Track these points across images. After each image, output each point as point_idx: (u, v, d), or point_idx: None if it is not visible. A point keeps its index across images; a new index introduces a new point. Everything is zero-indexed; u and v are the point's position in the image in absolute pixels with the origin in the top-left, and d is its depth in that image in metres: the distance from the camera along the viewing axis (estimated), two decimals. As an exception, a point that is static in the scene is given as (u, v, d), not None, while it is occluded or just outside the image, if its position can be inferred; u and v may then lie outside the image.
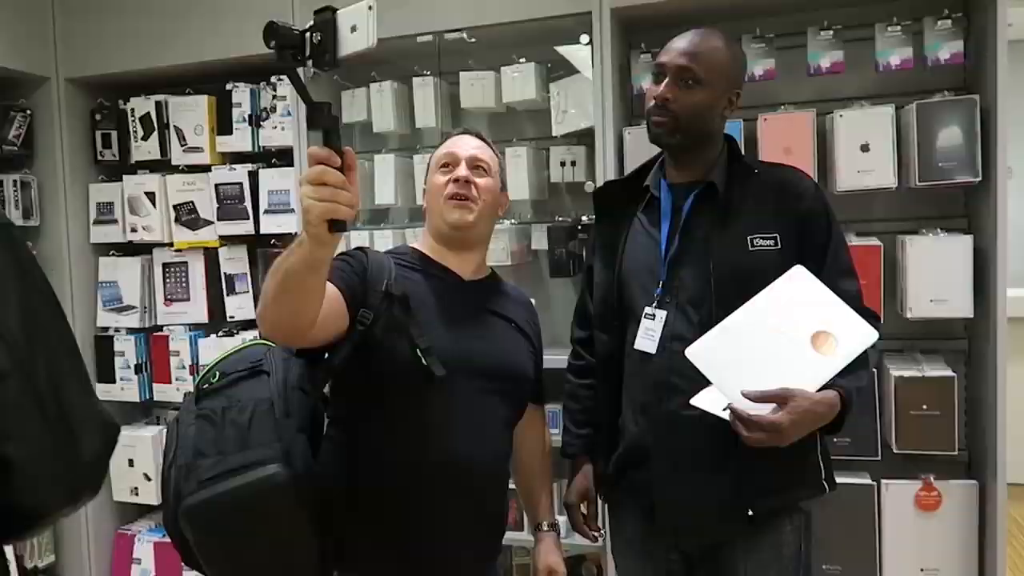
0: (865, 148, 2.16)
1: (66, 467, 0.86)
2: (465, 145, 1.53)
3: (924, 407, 2.14)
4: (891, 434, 2.17)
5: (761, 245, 1.46)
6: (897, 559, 2.20)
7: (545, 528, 1.66)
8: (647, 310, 1.51)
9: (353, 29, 0.99)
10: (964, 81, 2.25)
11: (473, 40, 2.49)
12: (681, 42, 1.51)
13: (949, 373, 2.16)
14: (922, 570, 2.18)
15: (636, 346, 1.52)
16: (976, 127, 2.08)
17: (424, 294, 1.45)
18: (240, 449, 1.27)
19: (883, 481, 2.21)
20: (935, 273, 2.12)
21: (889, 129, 2.15)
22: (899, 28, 2.19)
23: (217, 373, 1.39)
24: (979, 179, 2.08)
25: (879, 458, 2.20)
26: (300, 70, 1.05)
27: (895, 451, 2.18)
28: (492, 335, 1.50)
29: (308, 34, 1.02)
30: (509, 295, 1.61)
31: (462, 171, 1.48)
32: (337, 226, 1.06)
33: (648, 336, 1.50)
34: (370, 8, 0.98)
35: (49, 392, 0.85)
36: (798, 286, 1.41)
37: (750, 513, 1.45)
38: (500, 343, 1.51)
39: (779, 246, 1.46)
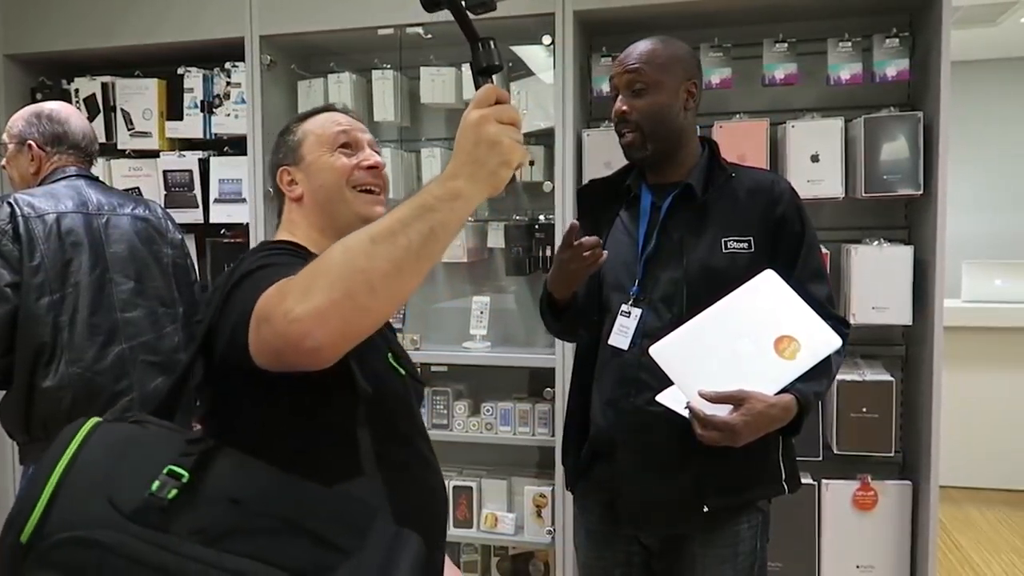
0: (815, 158, 2.24)
1: None
2: (357, 125, 1.25)
3: (864, 410, 2.22)
4: (832, 435, 2.25)
5: (734, 248, 1.49)
6: (835, 556, 2.28)
7: None
8: (623, 307, 1.54)
9: None
10: (908, 97, 2.34)
11: (429, 36, 2.48)
12: (623, 56, 1.55)
13: (888, 378, 2.25)
14: (858, 567, 2.26)
15: (610, 342, 1.54)
16: (919, 142, 2.17)
17: None
18: (357, 535, 0.86)
19: (823, 481, 2.29)
20: (877, 282, 2.21)
21: (838, 141, 2.23)
22: (850, 44, 2.27)
23: (183, 472, 0.83)
24: (921, 192, 2.17)
25: (820, 458, 2.28)
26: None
27: (835, 452, 2.26)
28: (395, 344, 1.24)
29: None
30: None
31: (376, 158, 1.22)
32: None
33: (622, 332, 1.52)
34: None
35: None
36: (767, 290, 1.43)
37: (705, 510, 1.48)
38: (401, 351, 1.24)
39: (752, 249, 1.49)
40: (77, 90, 2.77)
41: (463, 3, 0.98)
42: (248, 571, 0.78)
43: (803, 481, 2.23)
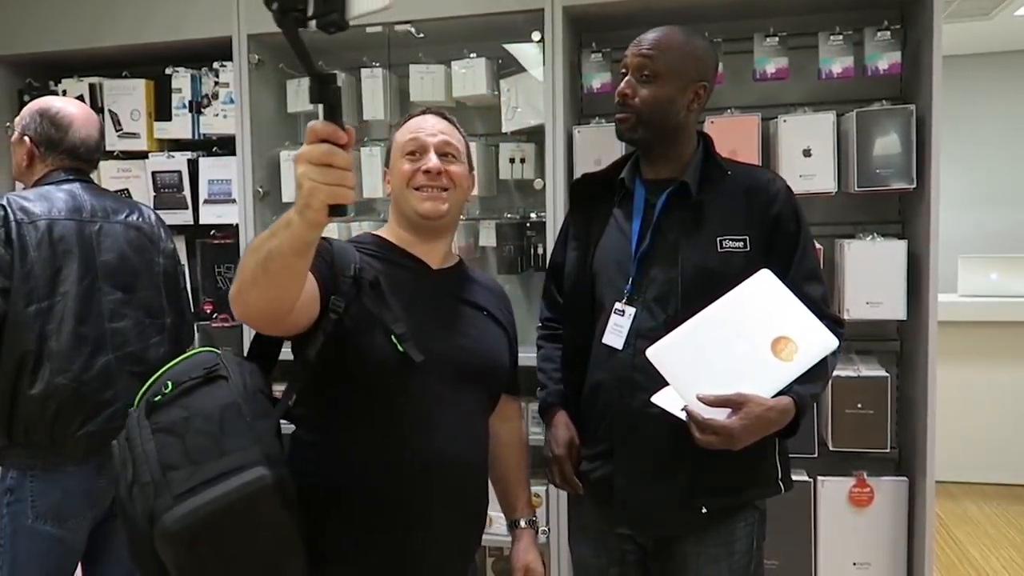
0: (807, 153, 2.22)
1: None
2: (432, 129, 1.44)
3: (859, 406, 2.20)
4: (827, 432, 2.24)
5: (730, 247, 1.47)
6: (831, 553, 2.26)
7: (522, 525, 1.58)
8: (617, 306, 1.52)
9: None
10: (900, 91, 2.33)
11: (422, 35, 2.47)
12: (642, 38, 1.52)
13: (882, 373, 2.23)
14: (855, 564, 2.25)
15: (604, 341, 1.52)
16: (912, 136, 2.15)
17: (390, 283, 1.37)
18: (216, 457, 1.17)
19: (819, 478, 2.27)
20: (871, 276, 2.19)
21: (830, 135, 2.21)
22: (841, 38, 2.25)
23: (169, 383, 1.25)
24: (914, 186, 2.16)
25: (816, 455, 2.26)
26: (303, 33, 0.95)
27: (831, 448, 2.25)
28: (464, 324, 1.45)
29: None
30: (479, 282, 1.55)
31: (432, 162, 1.40)
32: (337, 210, 0.98)
33: (616, 332, 1.50)
34: None
35: None
36: (763, 290, 1.41)
37: (704, 511, 1.46)
38: (473, 332, 1.45)
39: (748, 248, 1.47)
40: (64, 91, 2.75)
41: (313, 23, 0.93)
42: (150, 452, 1.17)
43: (798, 478, 2.25)
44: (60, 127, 1.93)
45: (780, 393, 1.37)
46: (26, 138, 1.93)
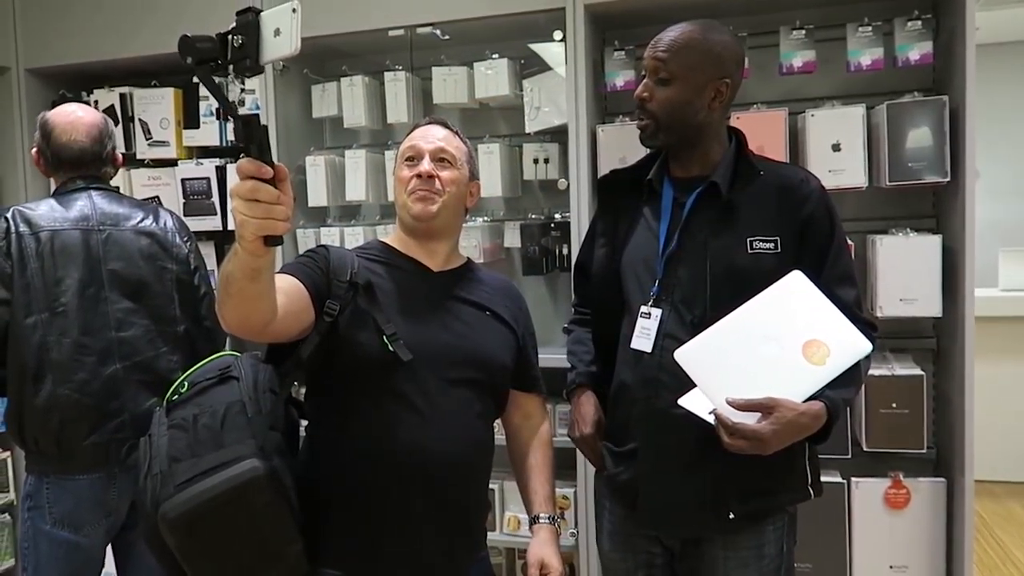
0: (836, 148, 2.17)
1: None
2: (430, 137, 1.52)
3: (893, 405, 2.15)
4: (861, 432, 2.19)
5: (760, 248, 1.44)
6: (867, 556, 2.21)
7: (541, 520, 1.56)
8: (643, 309, 1.49)
9: (276, 33, 0.94)
10: (933, 82, 2.27)
11: (447, 37, 2.47)
12: (658, 39, 1.50)
13: (918, 372, 2.17)
14: (891, 567, 2.20)
15: (633, 345, 1.50)
16: (945, 128, 2.09)
17: (387, 284, 1.45)
18: (215, 450, 1.29)
19: (853, 479, 2.22)
20: (905, 273, 2.14)
21: (860, 129, 2.16)
22: (870, 28, 2.20)
23: (186, 384, 1.41)
24: (948, 179, 2.10)
25: (849, 456, 2.21)
26: (224, 82, 1.00)
27: (865, 449, 2.20)
28: (460, 324, 1.48)
29: (229, 37, 0.97)
30: (485, 283, 1.57)
31: (424, 166, 1.48)
32: (272, 241, 1.04)
33: (644, 335, 1.48)
34: (294, 11, 0.92)
35: None
36: (795, 292, 1.38)
37: (731, 516, 1.44)
38: (468, 331, 1.48)
39: (778, 249, 1.44)
40: (96, 101, 2.80)
41: (230, 68, 0.96)
42: (162, 446, 1.32)
43: (832, 480, 2.20)
44: (44, 134, 1.93)
45: (812, 398, 1.34)
46: (33, 150, 1.97)
